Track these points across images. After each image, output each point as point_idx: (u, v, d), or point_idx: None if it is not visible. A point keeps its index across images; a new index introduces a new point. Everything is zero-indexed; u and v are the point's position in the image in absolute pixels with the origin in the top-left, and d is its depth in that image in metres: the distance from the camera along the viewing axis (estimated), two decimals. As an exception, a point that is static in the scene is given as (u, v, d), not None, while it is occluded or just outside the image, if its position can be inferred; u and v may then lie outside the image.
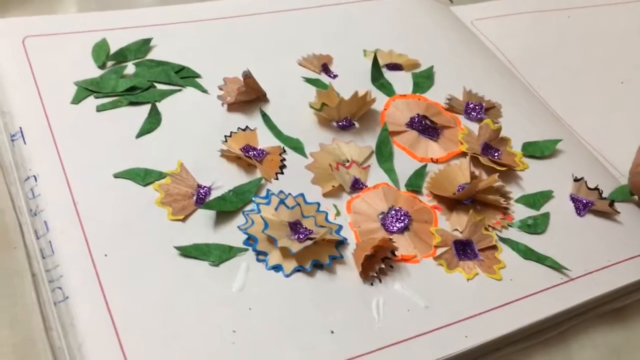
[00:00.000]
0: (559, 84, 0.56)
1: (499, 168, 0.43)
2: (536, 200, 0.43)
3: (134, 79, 0.43)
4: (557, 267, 0.39)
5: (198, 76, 0.45)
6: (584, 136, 0.51)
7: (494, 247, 0.39)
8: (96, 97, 0.41)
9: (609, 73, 0.58)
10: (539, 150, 0.46)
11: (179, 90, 0.44)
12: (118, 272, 0.33)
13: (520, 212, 0.42)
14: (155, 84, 0.43)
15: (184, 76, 0.44)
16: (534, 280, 0.38)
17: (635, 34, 0.63)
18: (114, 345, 0.30)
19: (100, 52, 0.44)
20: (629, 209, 0.44)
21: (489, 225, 0.40)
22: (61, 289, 0.32)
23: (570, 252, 0.40)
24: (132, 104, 0.42)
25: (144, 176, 0.38)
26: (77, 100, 0.41)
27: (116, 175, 0.37)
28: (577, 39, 0.61)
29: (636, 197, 0.45)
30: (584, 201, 0.43)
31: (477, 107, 0.48)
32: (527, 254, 0.39)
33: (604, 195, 0.43)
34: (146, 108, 0.42)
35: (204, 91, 0.44)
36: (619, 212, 0.43)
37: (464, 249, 0.39)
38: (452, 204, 0.41)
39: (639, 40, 0.62)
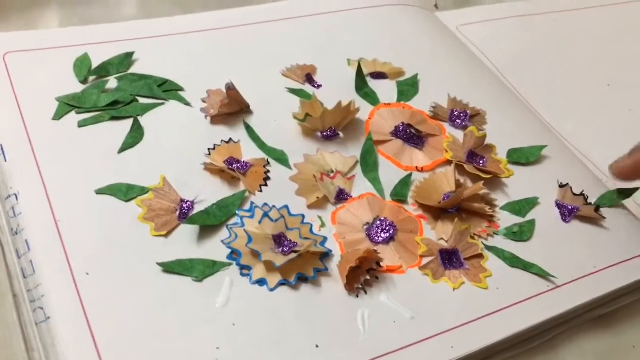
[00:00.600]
0: (546, 89, 0.55)
1: (484, 176, 0.43)
2: (522, 207, 0.43)
3: (115, 94, 0.42)
4: (543, 274, 0.39)
5: (181, 89, 0.45)
6: (571, 140, 0.50)
7: (480, 256, 0.39)
8: (78, 113, 0.41)
9: (595, 76, 0.58)
10: (524, 157, 0.46)
11: (162, 103, 0.43)
12: (100, 291, 0.33)
13: (505, 219, 0.42)
14: (138, 98, 0.43)
15: (166, 89, 0.44)
16: (521, 288, 0.38)
17: (622, 37, 0.63)
18: (95, 365, 0.30)
19: (82, 66, 0.44)
20: (614, 215, 0.44)
21: (475, 234, 0.40)
22: (42, 309, 0.32)
23: (556, 259, 0.40)
24: (114, 118, 0.41)
25: (126, 192, 0.37)
26: (58, 116, 0.41)
27: (98, 192, 0.37)
28: (563, 43, 0.61)
29: (623, 202, 0.44)
30: (570, 207, 0.43)
31: (462, 115, 0.48)
32: (513, 262, 0.39)
33: (589, 200, 0.43)
34: (128, 122, 0.41)
35: (187, 104, 0.44)
36: (604, 218, 0.43)
37: (449, 258, 0.39)
38: (438, 213, 0.41)
39: (625, 42, 0.62)
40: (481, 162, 0.44)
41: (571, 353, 0.38)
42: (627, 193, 0.44)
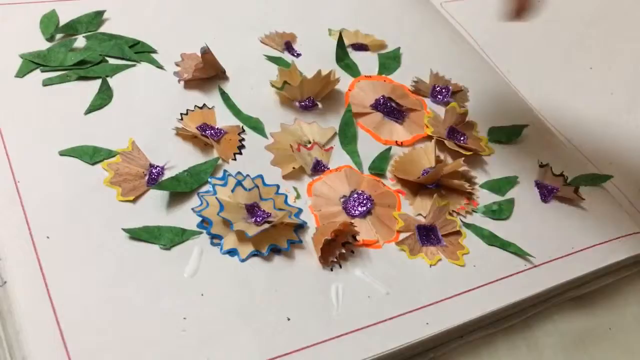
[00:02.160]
0: (528, 69, 0.55)
1: (464, 152, 0.42)
2: (501, 185, 0.42)
3: (83, 53, 0.40)
4: (521, 253, 0.38)
5: (154, 51, 0.43)
6: (551, 121, 0.50)
7: (458, 233, 0.38)
8: (42, 71, 0.39)
9: (578, 58, 0.57)
10: (505, 136, 0.45)
11: (133, 65, 0.41)
12: (61, 256, 0.31)
13: (484, 197, 0.41)
14: (107, 59, 0.41)
15: (138, 51, 0.42)
16: (498, 267, 0.37)
17: (605, 20, 0.62)
18: (54, 333, 0.28)
19: (49, 23, 0.42)
20: (593, 196, 0.43)
21: (453, 211, 0.39)
22: (-1, 273, 0.30)
23: (534, 238, 0.39)
24: (81, 78, 0.39)
25: (92, 154, 0.36)
26: (21, 73, 0.38)
27: (62, 153, 0.35)
28: (547, 24, 0.60)
29: (603, 184, 0.44)
30: (549, 187, 0.42)
31: (443, 90, 0.47)
32: (491, 240, 0.38)
33: (569, 181, 0.43)
34: (96, 83, 0.39)
35: (160, 67, 0.42)
36: (583, 199, 0.42)
37: (427, 235, 0.38)
38: (416, 188, 0.40)
39: (609, 26, 0.62)
40: (462, 138, 0.44)
41: (547, 333, 0.37)
42: (606, 176, 0.44)
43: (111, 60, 0.41)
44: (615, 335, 0.38)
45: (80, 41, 0.42)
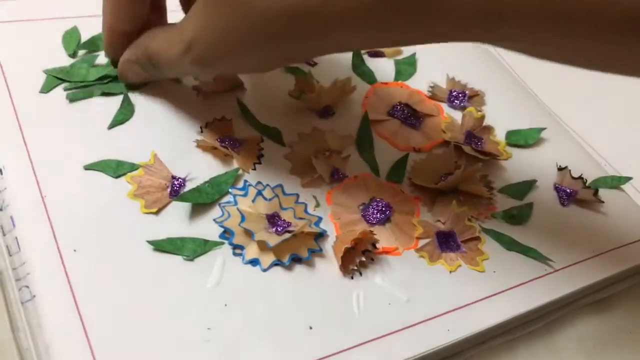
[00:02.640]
0: (544, 71, 0.54)
1: (482, 157, 0.42)
2: (520, 190, 0.42)
3: (105, 68, 0.41)
4: (541, 258, 0.38)
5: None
6: (569, 123, 0.50)
7: (477, 239, 0.39)
8: (66, 89, 0.40)
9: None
10: (522, 139, 0.45)
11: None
12: (87, 269, 0.32)
13: (503, 202, 0.41)
14: (129, 73, 0.42)
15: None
16: (518, 272, 0.37)
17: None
18: (82, 346, 0.29)
19: (71, 40, 0.43)
20: (613, 199, 0.43)
21: (472, 216, 0.40)
22: (28, 288, 0.31)
23: (554, 243, 0.39)
24: (104, 94, 0.40)
25: (115, 168, 0.36)
26: (46, 89, 0.39)
27: (86, 167, 0.36)
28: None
29: (622, 186, 0.44)
30: (568, 191, 0.42)
31: (460, 95, 0.47)
32: (511, 245, 0.38)
33: (588, 184, 0.43)
34: (118, 98, 0.40)
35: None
36: (603, 202, 0.42)
37: (446, 241, 0.38)
38: (435, 194, 0.40)
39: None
40: (479, 143, 0.44)
41: (568, 338, 0.37)
42: (625, 178, 0.44)
43: (132, 75, 0.42)
44: (636, 339, 0.38)
45: (101, 57, 0.42)
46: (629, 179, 0.44)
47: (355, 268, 0.35)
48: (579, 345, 0.37)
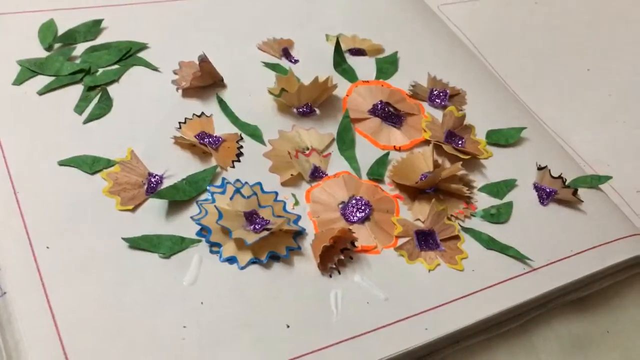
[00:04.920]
0: (525, 71, 0.55)
1: (462, 156, 0.42)
2: (500, 189, 0.42)
3: (82, 62, 0.41)
4: (519, 257, 0.38)
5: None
6: (549, 123, 0.50)
7: (457, 237, 0.38)
8: (50, 88, 0.39)
9: (575, 60, 0.57)
10: (503, 138, 0.45)
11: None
12: (60, 265, 0.31)
13: (483, 201, 0.41)
14: (106, 67, 0.41)
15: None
16: (496, 271, 0.37)
17: (602, 21, 0.62)
18: (54, 343, 0.29)
19: (47, 33, 0.42)
20: (592, 198, 0.43)
21: (452, 215, 0.40)
22: (-1, 284, 0.31)
23: (533, 241, 0.39)
24: (73, 84, 0.39)
25: (91, 164, 0.36)
26: (19, 81, 0.39)
27: (61, 163, 0.35)
28: (544, 25, 0.60)
29: (601, 186, 0.44)
30: (548, 190, 0.42)
31: (441, 94, 0.47)
32: (490, 244, 0.38)
33: (567, 183, 0.43)
34: (95, 92, 0.39)
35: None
36: (582, 201, 0.42)
37: (425, 239, 0.38)
38: (415, 193, 0.40)
39: (606, 27, 0.62)
40: (460, 142, 0.44)
41: (545, 337, 0.37)
42: (604, 177, 0.44)
43: (109, 69, 0.41)
44: (613, 338, 0.38)
45: (78, 50, 0.42)
46: (608, 178, 0.44)
47: (334, 266, 0.35)
48: (556, 344, 0.37)
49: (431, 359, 0.34)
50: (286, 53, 0.47)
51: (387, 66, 0.49)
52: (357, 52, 0.49)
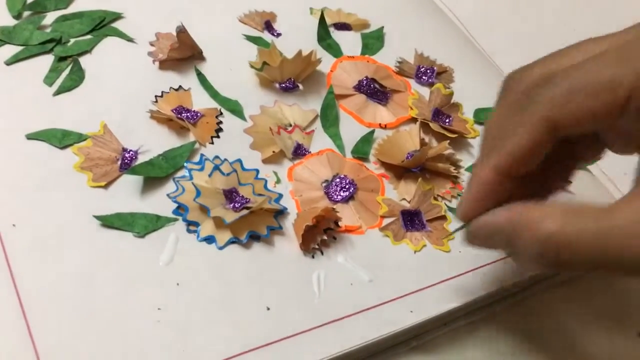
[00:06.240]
0: (513, 50, 0.53)
1: (449, 135, 0.41)
2: (487, 168, 0.41)
3: (52, 31, 0.38)
4: (507, 238, 0.37)
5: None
6: (537, 104, 0.49)
7: (443, 218, 0.37)
8: (10, 52, 0.37)
9: (563, 40, 0.56)
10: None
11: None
12: (27, 245, 0.30)
13: (470, 181, 0.40)
14: (78, 38, 0.39)
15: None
16: (484, 252, 0.36)
17: (591, 2, 0.61)
18: (19, 327, 0.27)
19: (16, 0, 0.40)
20: (579, 179, 0.42)
21: (438, 195, 0.38)
22: (-39, 264, 0.29)
23: (521, 222, 0.38)
24: (43, 54, 0.37)
25: (61, 138, 0.34)
26: (-15, 51, 0.37)
27: (29, 136, 0.34)
28: (532, 5, 0.59)
29: (589, 167, 0.43)
30: (536, 170, 0.41)
31: (428, 71, 0.46)
32: (477, 224, 0.37)
33: (556, 164, 0.42)
34: (66, 63, 0.38)
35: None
36: (570, 182, 0.41)
37: (411, 220, 0.37)
38: (401, 172, 0.39)
39: (595, 8, 0.61)
40: (447, 120, 0.42)
41: (529, 321, 0.37)
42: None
43: (82, 39, 0.39)
44: (611, 318, 0.37)
45: (49, 18, 0.40)
46: (596, 159, 0.44)
47: (317, 247, 0.34)
48: (547, 323, 0.36)
49: (417, 342, 0.33)
50: (268, 26, 0.45)
51: (373, 42, 0.47)
52: (342, 26, 0.47)
